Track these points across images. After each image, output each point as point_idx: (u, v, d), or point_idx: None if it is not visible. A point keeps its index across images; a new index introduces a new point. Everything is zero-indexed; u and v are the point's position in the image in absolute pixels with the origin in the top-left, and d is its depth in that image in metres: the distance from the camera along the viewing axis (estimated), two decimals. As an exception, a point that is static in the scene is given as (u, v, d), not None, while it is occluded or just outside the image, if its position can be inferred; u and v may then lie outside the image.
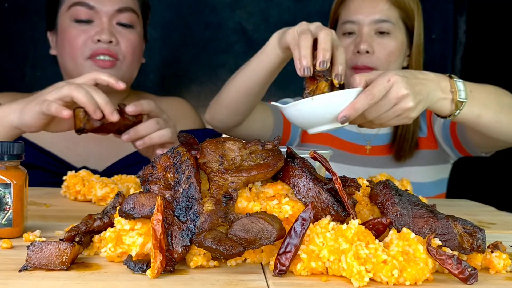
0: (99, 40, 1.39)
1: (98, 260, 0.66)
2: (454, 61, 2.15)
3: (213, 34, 2.07)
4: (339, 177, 0.67)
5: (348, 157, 1.50)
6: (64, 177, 1.12)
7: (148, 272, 0.60)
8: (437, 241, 0.63)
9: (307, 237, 0.63)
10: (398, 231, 0.64)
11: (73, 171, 1.13)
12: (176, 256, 0.62)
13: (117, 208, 0.67)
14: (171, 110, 1.45)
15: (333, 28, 1.50)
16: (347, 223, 0.63)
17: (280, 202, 0.67)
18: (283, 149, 0.73)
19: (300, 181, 0.68)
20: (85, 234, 0.67)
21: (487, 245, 0.68)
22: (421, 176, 1.49)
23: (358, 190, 0.70)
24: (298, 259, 0.62)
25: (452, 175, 1.57)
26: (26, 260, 0.61)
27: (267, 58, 1.14)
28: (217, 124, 1.35)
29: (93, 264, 0.64)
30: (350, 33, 1.44)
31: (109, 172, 1.36)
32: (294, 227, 0.62)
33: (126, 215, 0.65)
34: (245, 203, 0.67)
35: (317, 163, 0.75)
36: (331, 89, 0.97)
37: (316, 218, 0.65)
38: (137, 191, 0.67)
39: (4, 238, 0.72)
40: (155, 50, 2.01)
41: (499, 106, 1.10)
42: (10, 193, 0.74)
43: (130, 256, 0.63)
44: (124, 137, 1.13)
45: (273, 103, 1.10)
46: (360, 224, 0.63)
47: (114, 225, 0.66)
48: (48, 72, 1.95)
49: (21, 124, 1.10)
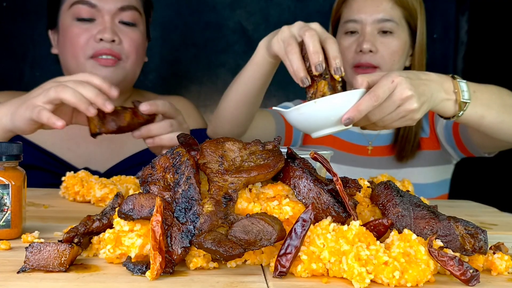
0: (101, 39, 1.36)
1: (97, 262, 0.65)
2: (456, 60, 2.14)
3: (213, 34, 2.07)
4: (340, 177, 0.67)
5: (349, 158, 1.50)
6: (63, 178, 1.12)
7: (148, 273, 0.59)
8: (438, 243, 0.63)
9: (307, 238, 0.62)
10: (399, 232, 0.64)
11: (72, 172, 1.13)
12: (175, 257, 0.61)
13: (116, 209, 0.67)
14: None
15: (335, 27, 1.49)
16: (348, 224, 0.62)
17: (281, 203, 0.67)
18: (284, 150, 0.73)
19: (300, 182, 0.68)
20: (84, 235, 0.67)
21: (489, 246, 0.67)
22: (423, 177, 1.48)
23: (359, 191, 0.70)
24: (299, 260, 0.62)
25: (455, 176, 1.56)
26: (24, 262, 0.61)
27: (259, 67, 1.14)
28: None
29: (92, 265, 0.64)
30: (352, 32, 1.42)
31: (111, 174, 1.34)
32: (295, 228, 0.62)
33: (125, 216, 0.64)
34: (245, 204, 0.67)
35: (318, 164, 0.74)
36: (331, 85, 0.97)
37: (316, 219, 0.65)
38: (137, 192, 0.67)
39: (2, 240, 0.72)
40: (155, 50, 2.00)
41: (502, 106, 1.09)
42: (8, 194, 0.73)
43: (129, 257, 0.63)
44: (135, 134, 1.13)
45: (274, 108, 1.09)
46: (361, 225, 0.63)
47: (113, 226, 0.66)
48: (47, 71, 1.94)
49: (14, 128, 1.09)
